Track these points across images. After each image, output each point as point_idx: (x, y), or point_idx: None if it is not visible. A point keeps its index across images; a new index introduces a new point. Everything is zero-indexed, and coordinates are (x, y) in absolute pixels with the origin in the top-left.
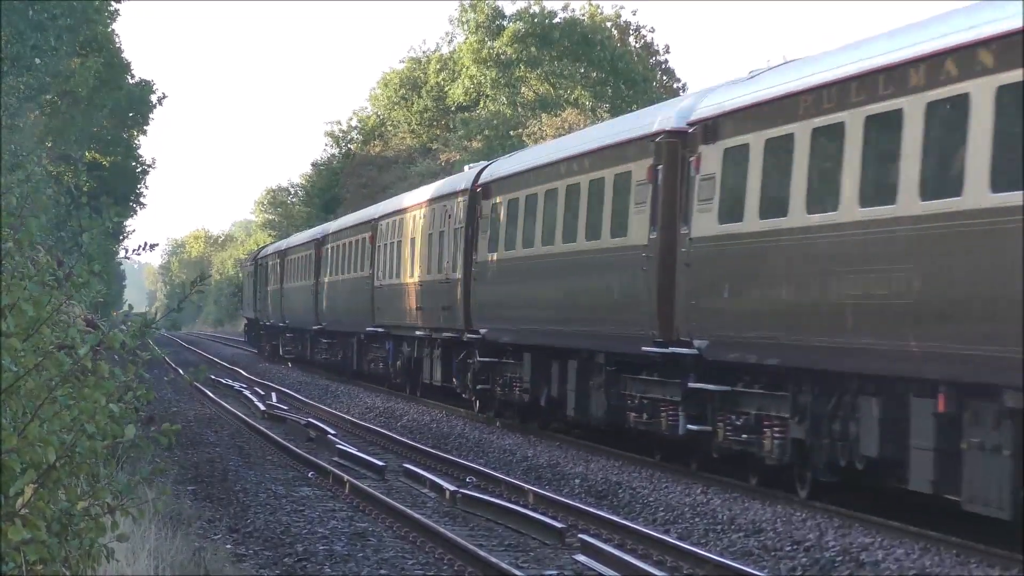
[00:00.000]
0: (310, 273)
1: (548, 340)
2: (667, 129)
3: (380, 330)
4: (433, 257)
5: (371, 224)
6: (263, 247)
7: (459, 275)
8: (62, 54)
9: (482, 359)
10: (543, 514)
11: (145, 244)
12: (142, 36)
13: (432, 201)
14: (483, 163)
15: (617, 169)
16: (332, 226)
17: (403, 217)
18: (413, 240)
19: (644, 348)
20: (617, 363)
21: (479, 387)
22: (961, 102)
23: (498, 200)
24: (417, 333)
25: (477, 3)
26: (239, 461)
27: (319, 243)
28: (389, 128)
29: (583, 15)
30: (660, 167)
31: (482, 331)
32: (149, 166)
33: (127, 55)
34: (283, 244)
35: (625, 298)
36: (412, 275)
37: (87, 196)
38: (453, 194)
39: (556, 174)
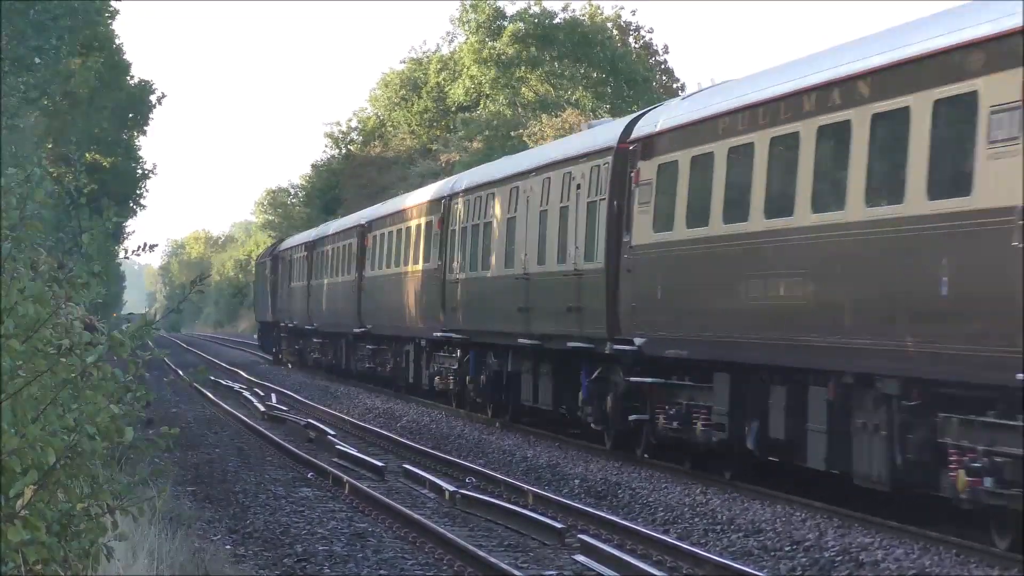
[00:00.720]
0: (350, 267)
1: (769, 357)
2: None
3: (453, 336)
4: (549, 242)
5: (439, 204)
6: (281, 240)
7: (597, 264)
8: (63, 54)
9: (636, 379)
10: (543, 514)
11: (145, 245)
12: (142, 36)
13: (545, 168)
14: (633, 114)
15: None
16: (380, 210)
17: (491, 193)
18: (512, 221)
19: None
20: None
21: (632, 418)
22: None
23: (672, 158)
24: (521, 342)
25: (478, 3)
26: (239, 462)
27: (363, 231)
28: (389, 129)
29: (583, 15)
30: None
31: (637, 341)
32: (150, 171)
33: (127, 56)
34: (312, 234)
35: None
36: (512, 266)
37: (87, 197)
38: (584, 156)
39: (798, 110)
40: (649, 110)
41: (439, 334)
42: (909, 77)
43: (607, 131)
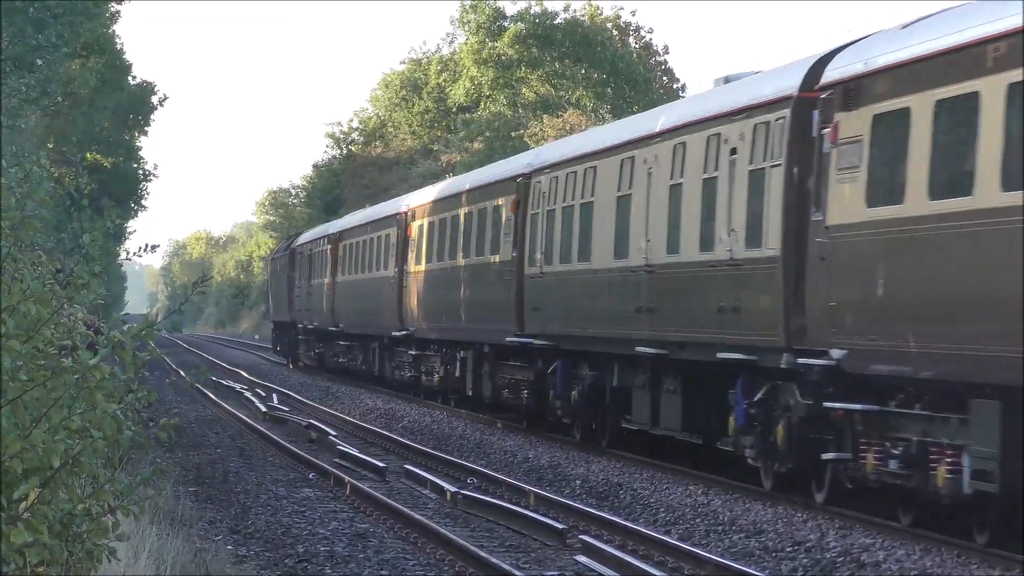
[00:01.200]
0: (386, 261)
1: None
2: None
3: (534, 342)
4: (685, 224)
5: (513, 184)
6: (299, 233)
7: (768, 251)
8: (63, 54)
9: (835, 404)
10: (544, 515)
11: (147, 245)
12: (143, 37)
13: (677, 132)
14: (812, 56)
15: None
16: (424, 195)
17: (591, 167)
18: (625, 200)
19: None
20: None
21: (829, 456)
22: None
23: (899, 105)
24: (640, 351)
25: (478, 4)
26: (240, 462)
27: (404, 220)
28: (390, 129)
29: (583, 16)
30: None
31: (835, 354)
32: (151, 173)
33: (128, 57)
34: (336, 226)
35: None
36: (625, 256)
37: (88, 198)
38: (741, 112)
39: None
40: (838, 49)
41: (513, 339)
42: None
43: (779, 78)
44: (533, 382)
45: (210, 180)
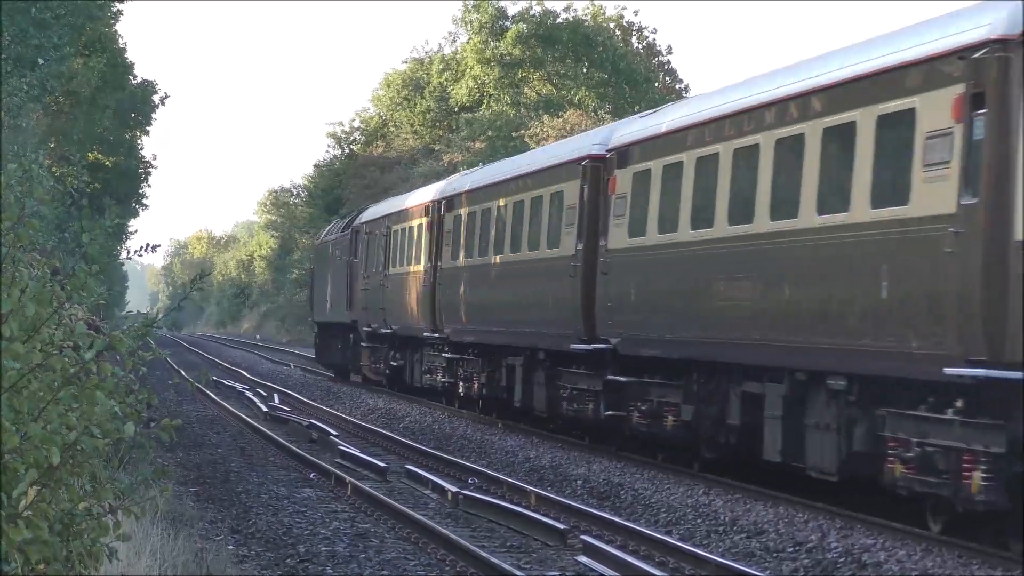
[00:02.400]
0: (564, 233)
1: None
2: None
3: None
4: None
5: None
6: (360, 209)
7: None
8: (65, 54)
9: None
10: (545, 515)
11: (148, 245)
12: (145, 36)
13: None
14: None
15: None
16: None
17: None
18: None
19: None
20: None
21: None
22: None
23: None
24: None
25: (480, 3)
26: (241, 462)
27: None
28: (392, 129)
29: (586, 16)
30: None
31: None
32: (151, 164)
33: (130, 55)
34: (439, 190)
35: None
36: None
37: (89, 197)
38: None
39: None
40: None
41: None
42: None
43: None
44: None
45: (211, 179)
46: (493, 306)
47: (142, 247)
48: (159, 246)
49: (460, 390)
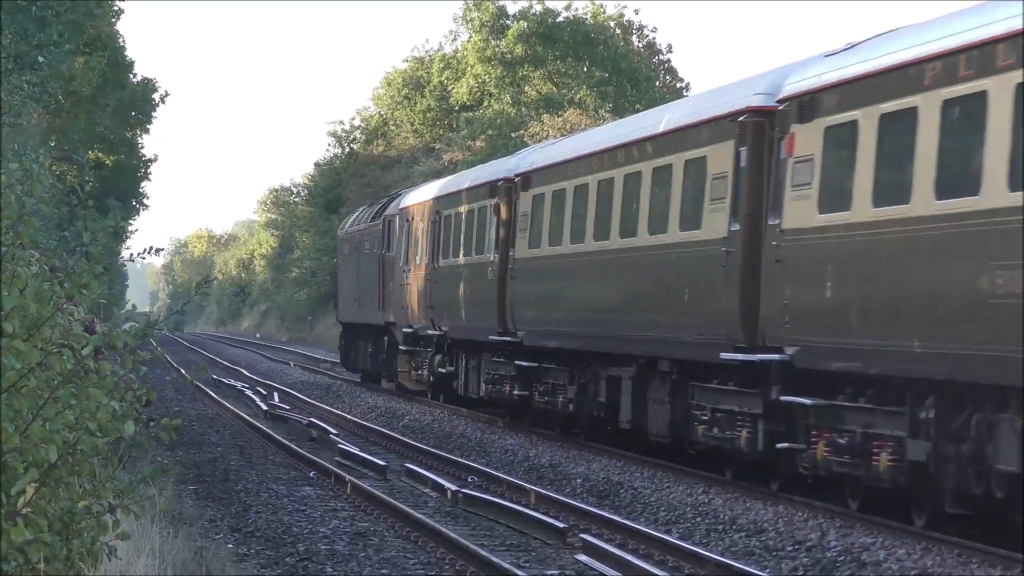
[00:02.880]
0: (708, 211)
1: None
2: None
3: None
4: None
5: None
6: (394, 195)
7: None
8: (65, 52)
9: None
10: (545, 514)
11: (151, 248)
12: (145, 35)
13: None
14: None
15: None
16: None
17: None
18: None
19: None
20: None
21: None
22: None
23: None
24: None
25: (481, 2)
26: (241, 461)
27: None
28: (392, 128)
29: (586, 15)
30: None
31: None
32: (151, 161)
33: (130, 54)
34: (514, 164)
35: None
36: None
37: (90, 196)
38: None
39: None
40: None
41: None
42: None
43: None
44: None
45: (212, 178)
46: (591, 305)
47: (146, 250)
48: (162, 249)
49: (538, 405)
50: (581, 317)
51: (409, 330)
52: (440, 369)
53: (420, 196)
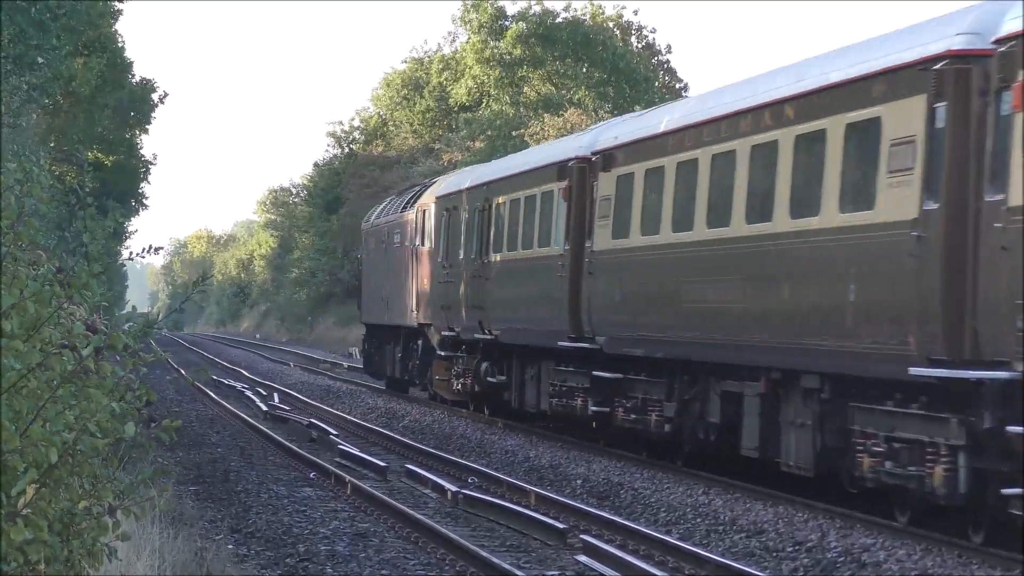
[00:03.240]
0: (886, 187)
1: None
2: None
3: None
4: None
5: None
6: (427, 183)
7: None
8: (64, 53)
9: None
10: (545, 515)
11: (150, 247)
12: (144, 35)
13: None
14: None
15: None
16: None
17: None
18: None
19: None
20: None
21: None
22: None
23: None
24: None
25: (480, 3)
26: (241, 462)
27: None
28: (391, 128)
29: (585, 15)
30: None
31: None
32: (150, 163)
33: (129, 54)
34: (591, 140)
35: None
36: None
37: (90, 196)
38: None
39: None
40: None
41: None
42: None
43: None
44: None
45: (211, 179)
46: (702, 305)
47: (145, 249)
48: (161, 248)
49: (621, 423)
50: (687, 320)
51: (449, 334)
52: (489, 378)
53: (463, 182)
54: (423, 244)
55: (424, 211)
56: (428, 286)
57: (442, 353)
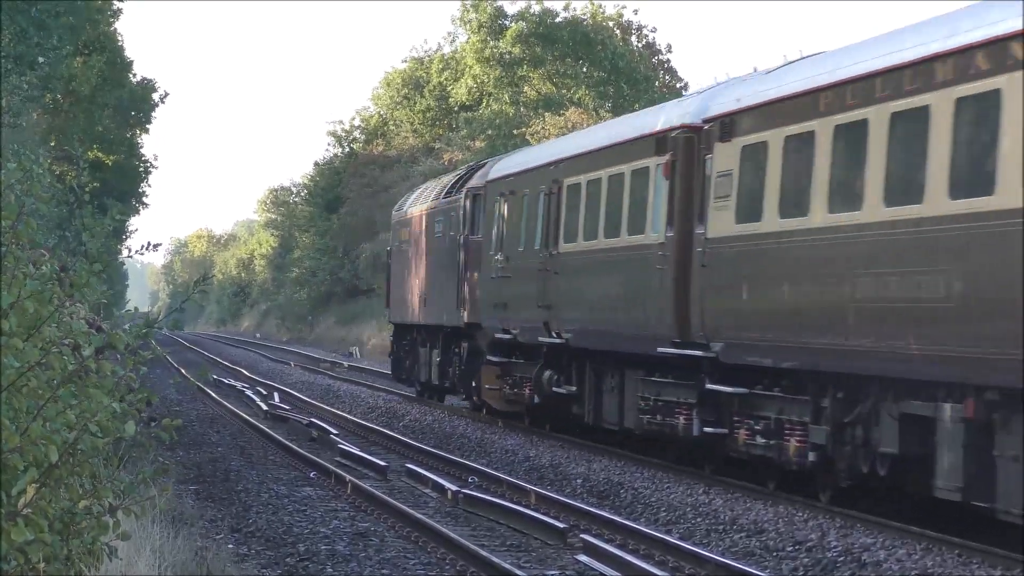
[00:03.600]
0: None
1: None
2: None
3: None
4: None
5: None
6: (476, 165)
7: None
8: (65, 53)
9: None
10: (545, 514)
11: (149, 244)
12: (144, 35)
13: None
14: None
15: None
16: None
17: None
18: None
19: None
20: None
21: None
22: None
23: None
24: None
25: (479, 3)
26: (241, 461)
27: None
28: (391, 128)
29: (585, 15)
30: None
31: None
32: (151, 165)
33: (129, 54)
34: (698, 105)
35: None
36: None
37: (90, 196)
38: None
39: None
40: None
41: None
42: None
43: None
44: None
45: (212, 178)
46: (884, 307)
47: (144, 246)
48: (160, 244)
49: (745, 448)
50: (855, 324)
51: (504, 336)
52: (554, 389)
53: (525, 162)
54: (472, 234)
55: (474, 196)
56: (478, 282)
57: (493, 358)
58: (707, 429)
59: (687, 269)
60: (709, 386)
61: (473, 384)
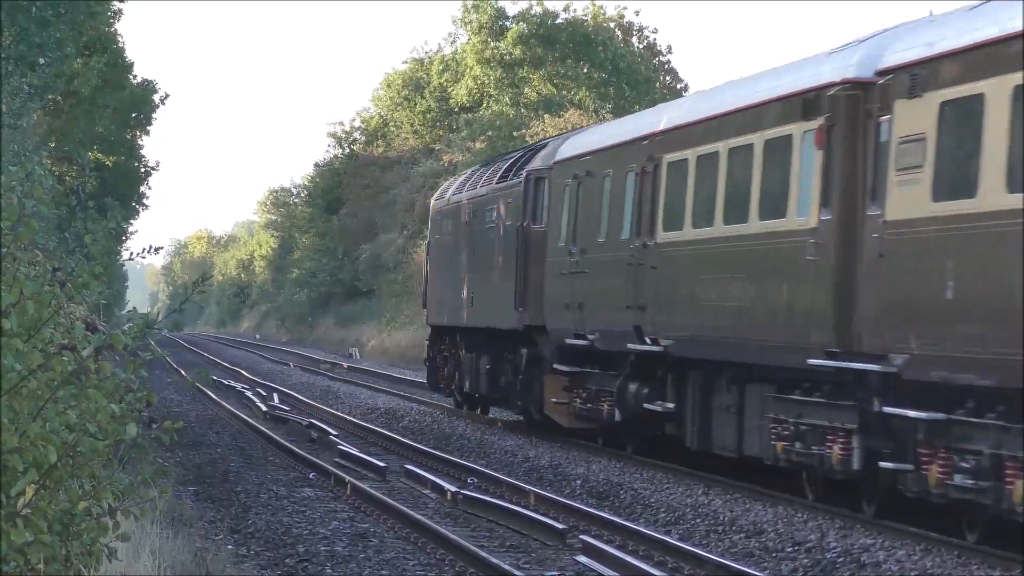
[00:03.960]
0: None
1: None
2: None
3: None
4: None
5: None
6: (538, 145)
7: None
8: (66, 53)
9: None
10: (544, 515)
11: (150, 247)
12: (145, 36)
13: None
14: None
15: None
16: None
17: None
18: None
19: None
20: None
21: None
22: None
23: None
24: None
25: (480, 4)
26: (241, 462)
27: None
28: (392, 129)
29: (586, 16)
30: None
31: None
32: (152, 168)
33: (130, 55)
34: (886, 47)
35: None
36: None
37: (91, 197)
38: None
39: None
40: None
41: None
42: None
43: None
44: None
45: (212, 179)
46: None
47: (145, 249)
48: (161, 248)
49: (942, 489)
50: None
51: (578, 342)
52: (647, 405)
53: (603, 139)
54: (534, 223)
55: (536, 180)
56: (542, 278)
57: (561, 367)
58: (885, 464)
59: (852, 260)
60: (886, 409)
61: (533, 396)
